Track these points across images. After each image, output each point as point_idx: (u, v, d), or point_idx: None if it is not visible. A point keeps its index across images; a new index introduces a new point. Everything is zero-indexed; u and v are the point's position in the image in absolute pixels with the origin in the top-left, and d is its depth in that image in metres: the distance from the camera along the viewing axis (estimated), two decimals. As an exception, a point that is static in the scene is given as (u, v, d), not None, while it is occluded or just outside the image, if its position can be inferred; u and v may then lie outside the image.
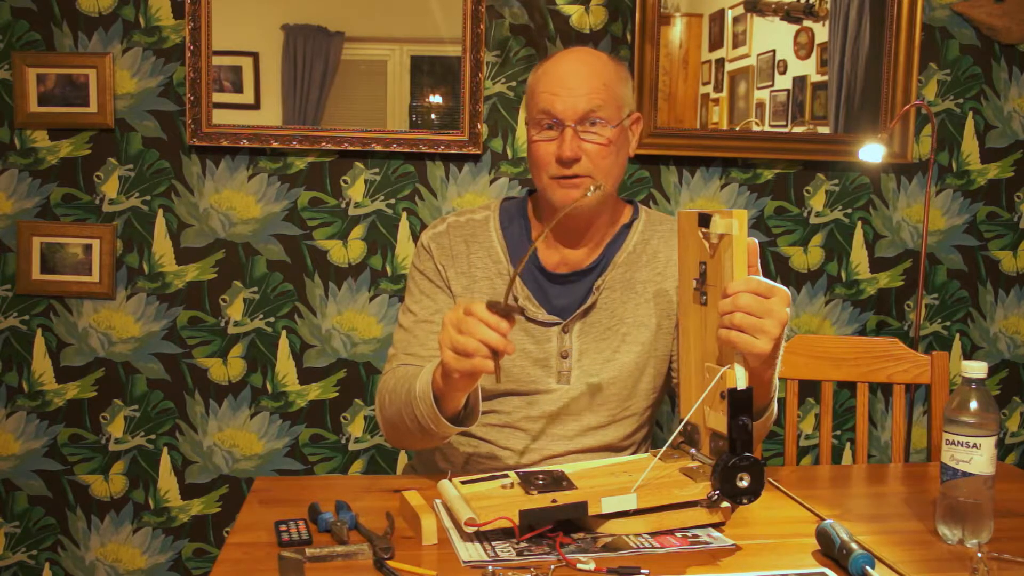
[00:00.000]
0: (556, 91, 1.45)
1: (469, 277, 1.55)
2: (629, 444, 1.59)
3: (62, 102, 2.31)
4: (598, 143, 1.45)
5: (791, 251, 2.54)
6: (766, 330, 1.17)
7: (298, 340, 2.42)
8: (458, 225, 1.59)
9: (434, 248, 1.58)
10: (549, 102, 1.45)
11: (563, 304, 1.53)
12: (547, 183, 1.48)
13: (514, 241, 1.57)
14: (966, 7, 2.53)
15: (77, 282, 2.35)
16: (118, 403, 2.40)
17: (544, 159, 1.47)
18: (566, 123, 1.44)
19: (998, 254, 2.63)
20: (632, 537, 1.18)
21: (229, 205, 2.38)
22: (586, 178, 1.45)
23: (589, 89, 1.45)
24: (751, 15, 2.42)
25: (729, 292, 1.19)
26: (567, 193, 1.46)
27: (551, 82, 1.46)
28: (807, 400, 2.56)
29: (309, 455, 2.45)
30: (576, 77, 1.45)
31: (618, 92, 1.48)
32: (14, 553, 2.41)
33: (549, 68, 1.49)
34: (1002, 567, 1.08)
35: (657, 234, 1.59)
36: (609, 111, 1.46)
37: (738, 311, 1.17)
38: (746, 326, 1.17)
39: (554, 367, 1.52)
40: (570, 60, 1.49)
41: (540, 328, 1.52)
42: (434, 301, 1.56)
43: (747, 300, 1.17)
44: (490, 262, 1.55)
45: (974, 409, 1.28)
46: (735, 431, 1.18)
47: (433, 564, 1.10)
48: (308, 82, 2.33)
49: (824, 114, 2.47)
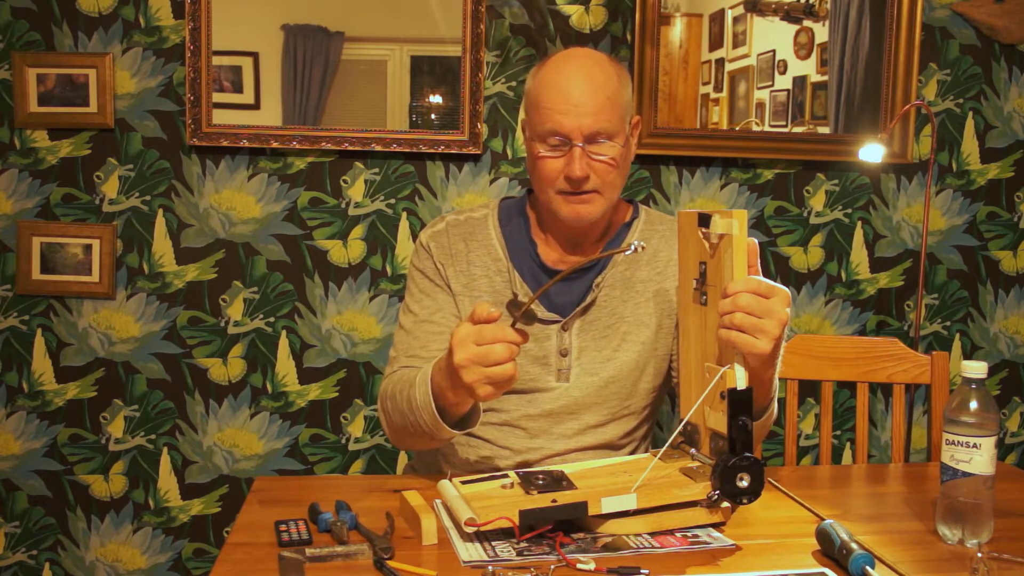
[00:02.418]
0: (562, 108, 1.42)
1: (468, 276, 1.55)
2: (629, 442, 1.59)
3: (62, 102, 2.31)
4: (606, 162, 1.45)
5: (791, 251, 2.54)
6: (766, 330, 1.17)
7: (298, 340, 2.42)
8: (457, 224, 1.59)
9: (433, 247, 1.58)
10: (557, 122, 1.42)
11: (563, 302, 1.53)
12: (553, 197, 1.47)
13: (513, 239, 1.56)
14: (966, 7, 2.53)
15: (77, 282, 2.35)
16: (118, 403, 2.40)
17: (551, 176, 1.46)
18: (574, 142, 1.42)
19: (998, 254, 2.63)
20: (632, 537, 1.18)
21: (229, 205, 2.38)
22: (594, 193, 1.45)
23: (596, 107, 1.42)
24: (751, 15, 2.42)
25: (729, 292, 1.18)
26: (575, 208, 1.46)
27: (555, 98, 1.43)
28: (807, 400, 2.56)
29: (309, 455, 2.45)
30: (581, 92, 1.42)
31: (622, 103, 1.47)
32: (14, 553, 2.41)
33: (551, 78, 1.46)
34: (1002, 567, 1.08)
35: (657, 233, 1.59)
36: (615, 126, 1.44)
37: (738, 311, 1.17)
38: (746, 326, 1.17)
39: (553, 365, 1.52)
40: (573, 72, 1.45)
41: (539, 325, 1.52)
42: (434, 300, 1.56)
43: (747, 300, 1.17)
44: (489, 260, 1.55)
45: (974, 409, 1.27)
46: (735, 431, 1.18)
47: (433, 564, 1.10)
48: (308, 82, 2.33)
49: (824, 114, 2.47)
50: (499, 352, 1.21)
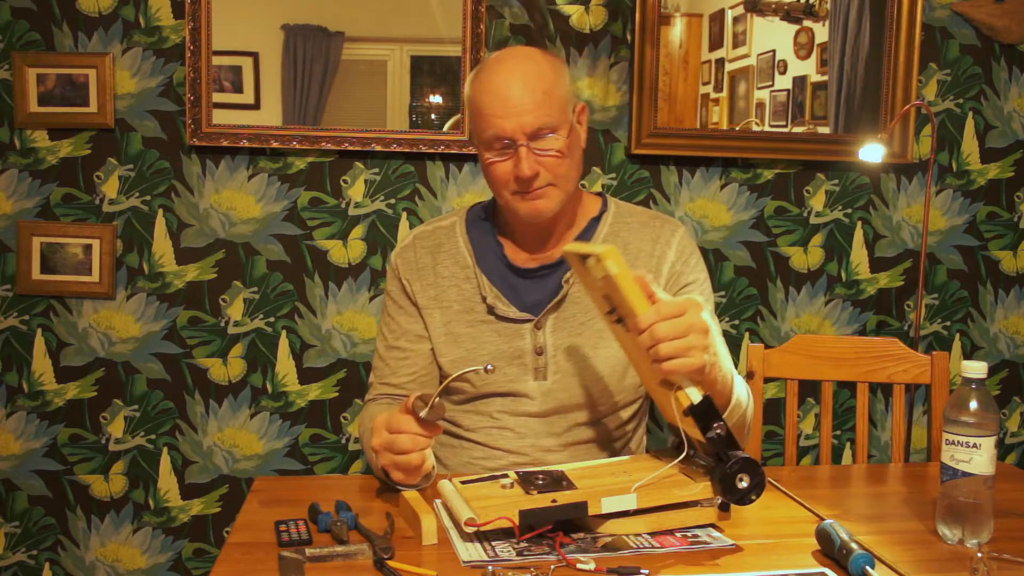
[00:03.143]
0: (500, 112, 1.42)
1: (436, 287, 1.56)
2: (621, 436, 1.58)
3: (62, 102, 2.31)
4: (553, 155, 1.44)
5: (791, 251, 2.54)
6: (693, 345, 1.16)
7: (298, 340, 2.42)
8: (424, 236, 1.61)
9: (400, 265, 1.61)
10: (498, 126, 1.42)
11: (534, 299, 1.53)
12: (509, 199, 1.48)
13: (480, 243, 1.58)
14: (966, 7, 2.53)
15: (77, 282, 2.35)
16: (118, 403, 2.40)
17: (503, 178, 1.46)
18: (518, 142, 1.43)
19: (998, 254, 2.63)
20: (632, 537, 1.18)
21: (229, 205, 2.38)
22: (548, 187, 1.46)
23: (533, 103, 1.42)
24: (751, 15, 2.42)
25: (642, 327, 1.17)
26: (532, 205, 1.47)
27: (493, 102, 1.43)
28: (807, 400, 2.56)
29: (309, 455, 2.45)
30: (517, 92, 1.42)
31: (560, 93, 1.46)
32: (14, 553, 2.41)
33: (486, 85, 1.45)
34: (1002, 567, 1.08)
35: (627, 226, 1.58)
36: (557, 118, 1.44)
37: (659, 342, 1.16)
38: (673, 351, 1.16)
39: (530, 364, 1.52)
40: (506, 73, 1.45)
41: (512, 325, 1.52)
42: (399, 324, 1.59)
43: (663, 329, 1.16)
44: (457, 268, 1.56)
45: (974, 409, 1.28)
46: (712, 443, 1.18)
47: (433, 564, 1.10)
48: (308, 82, 2.34)
49: (824, 114, 2.47)
50: (403, 442, 1.26)
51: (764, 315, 2.55)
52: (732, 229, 2.52)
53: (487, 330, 1.52)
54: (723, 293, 2.53)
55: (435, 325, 1.56)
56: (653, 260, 1.54)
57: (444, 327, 1.55)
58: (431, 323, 1.56)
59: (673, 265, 1.55)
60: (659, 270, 1.54)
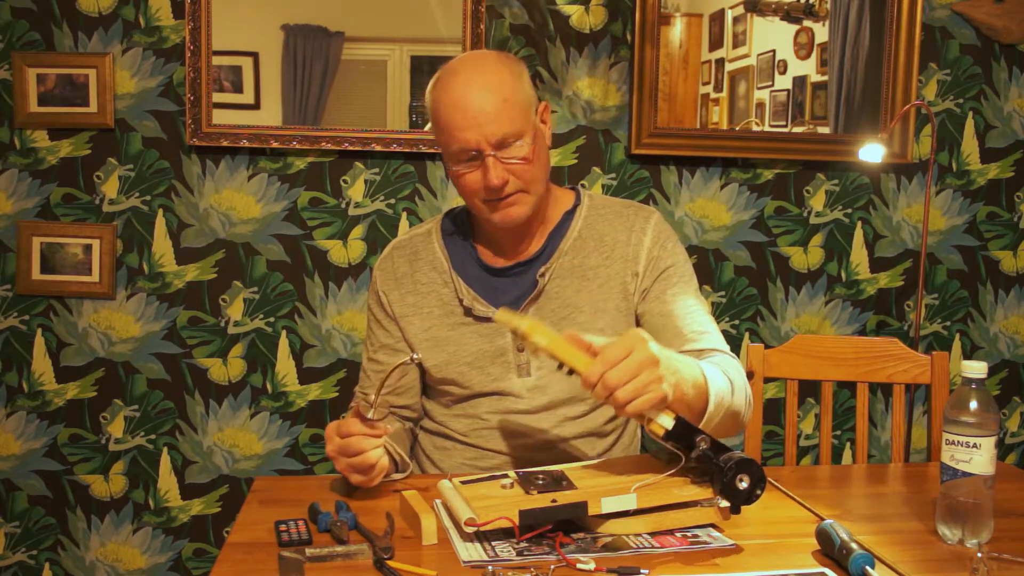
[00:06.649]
0: (462, 124, 1.41)
1: (416, 294, 1.57)
2: (613, 428, 1.58)
3: (62, 102, 2.31)
4: (520, 163, 1.44)
5: (791, 251, 2.54)
6: (648, 380, 1.15)
7: (298, 340, 2.42)
8: (401, 246, 1.62)
9: (378, 277, 1.61)
10: (462, 140, 1.42)
11: (512, 297, 1.53)
12: (481, 207, 1.48)
13: (455, 248, 1.58)
14: (966, 7, 2.53)
15: (77, 282, 2.35)
16: (118, 403, 2.40)
17: (473, 189, 1.46)
18: (484, 152, 1.42)
19: (998, 254, 2.63)
20: (632, 537, 1.18)
21: (229, 205, 2.38)
22: (519, 193, 1.45)
23: (495, 112, 1.41)
24: (751, 15, 2.42)
25: (592, 382, 1.16)
26: (505, 213, 1.47)
27: (454, 115, 1.42)
28: (807, 400, 2.56)
29: (309, 455, 2.45)
30: (477, 103, 1.41)
31: (521, 98, 1.45)
32: (14, 553, 2.41)
33: (445, 97, 1.44)
34: (1002, 567, 1.08)
35: (602, 218, 1.57)
36: (520, 124, 1.43)
37: (613, 390, 1.15)
38: (631, 394, 1.15)
39: (512, 361, 1.52)
40: (463, 84, 1.44)
41: (492, 325, 1.52)
42: (377, 337, 1.61)
43: (614, 377, 1.14)
44: (435, 274, 1.57)
45: (974, 409, 1.27)
46: (701, 460, 1.19)
47: (433, 564, 1.10)
48: (308, 82, 2.34)
49: (824, 114, 2.47)
50: (355, 443, 1.28)
51: (764, 315, 2.55)
52: (732, 229, 2.52)
53: (468, 332, 1.53)
54: (723, 293, 2.53)
55: (416, 332, 1.56)
56: (630, 249, 1.54)
57: (426, 332, 1.55)
58: (412, 331, 1.56)
59: (650, 251, 1.54)
60: (636, 258, 1.53)
